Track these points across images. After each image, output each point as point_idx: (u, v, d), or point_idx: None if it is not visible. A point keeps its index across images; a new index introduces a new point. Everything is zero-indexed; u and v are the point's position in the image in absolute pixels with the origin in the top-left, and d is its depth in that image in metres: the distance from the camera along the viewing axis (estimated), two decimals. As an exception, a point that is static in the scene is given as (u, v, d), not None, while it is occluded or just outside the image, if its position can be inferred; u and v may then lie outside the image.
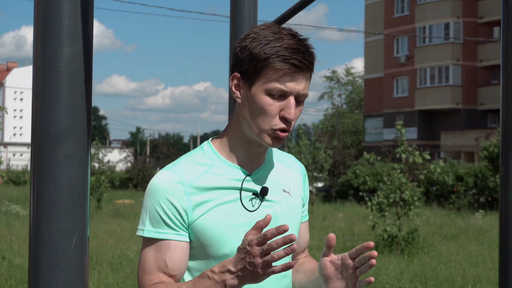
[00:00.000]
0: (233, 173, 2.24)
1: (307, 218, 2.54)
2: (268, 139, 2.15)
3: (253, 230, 1.95)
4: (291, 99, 2.11)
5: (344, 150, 40.57)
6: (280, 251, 1.91)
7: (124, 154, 47.30)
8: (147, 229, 2.17)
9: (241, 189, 2.23)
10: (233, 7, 3.64)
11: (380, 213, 14.47)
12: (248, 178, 2.25)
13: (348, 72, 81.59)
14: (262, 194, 2.26)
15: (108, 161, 32.61)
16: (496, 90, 51.67)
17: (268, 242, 1.92)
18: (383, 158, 32.66)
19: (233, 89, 2.22)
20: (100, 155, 27.50)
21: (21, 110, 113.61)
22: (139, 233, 2.20)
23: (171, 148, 45.40)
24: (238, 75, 2.19)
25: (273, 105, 2.11)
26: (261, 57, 2.10)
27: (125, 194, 34.30)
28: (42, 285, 1.71)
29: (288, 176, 2.40)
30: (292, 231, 2.31)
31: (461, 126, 51.88)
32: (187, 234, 2.18)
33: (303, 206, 2.45)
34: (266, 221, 1.94)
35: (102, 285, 9.95)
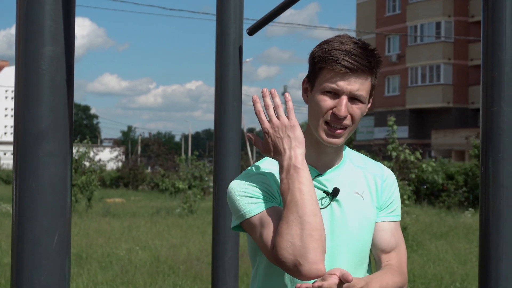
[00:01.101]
0: None
1: (386, 219, 2.53)
2: (322, 134, 2.32)
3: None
4: (343, 98, 2.27)
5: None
6: None
7: (115, 153, 47.19)
8: (247, 212, 2.31)
9: None
10: (219, 6, 3.65)
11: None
12: (318, 178, 2.40)
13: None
14: (333, 194, 2.38)
15: (99, 160, 32.51)
16: (485, 89, 51.71)
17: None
18: (373, 157, 32.70)
19: (303, 93, 2.43)
20: (91, 154, 27.44)
21: (12, 109, 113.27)
22: (239, 221, 2.35)
23: (162, 147, 45.28)
24: (306, 79, 2.41)
25: (326, 102, 2.29)
26: (317, 60, 2.31)
27: (116, 193, 34.22)
28: (25, 281, 1.74)
29: (365, 180, 2.50)
30: (363, 231, 2.42)
31: (452, 125, 51.96)
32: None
33: (379, 208, 2.51)
34: (264, 93, 2.28)
35: (91, 283, 9.95)
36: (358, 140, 58.64)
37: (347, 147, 2.55)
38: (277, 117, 2.24)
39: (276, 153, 2.23)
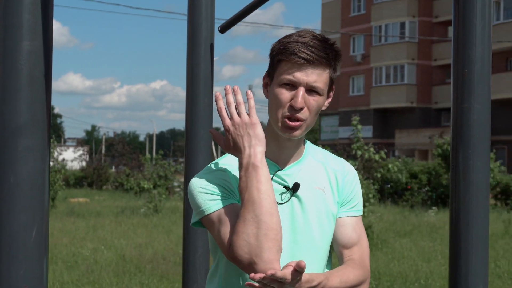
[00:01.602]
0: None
1: (348, 214, 2.52)
2: (280, 127, 2.31)
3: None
4: (300, 89, 2.27)
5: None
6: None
7: (79, 153, 46.80)
8: (205, 209, 2.31)
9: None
10: (191, 4, 3.66)
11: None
12: (279, 173, 2.39)
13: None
14: (293, 189, 2.38)
15: (63, 160, 32.24)
16: (450, 89, 52.16)
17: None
18: (338, 156, 32.84)
19: (263, 87, 2.43)
20: (55, 154, 27.19)
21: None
22: (198, 217, 2.36)
23: (126, 146, 45.01)
24: (266, 73, 2.41)
25: (284, 94, 2.29)
26: (275, 53, 2.32)
27: (79, 193, 33.95)
28: (2, 276, 1.73)
29: (326, 175, 2.49)
30: (322, 227, 2.42)
31: (416, 125, 52.37)
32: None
33: (341, 204, 2.50)
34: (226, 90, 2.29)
35: (57, 283, 9.88)
36: (322, 139, 58.85)
37: (308, 142, 2.55)
38: (238, 114, 2.26)
39: (236, 150, 2.24)
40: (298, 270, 2.09)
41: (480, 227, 2.35)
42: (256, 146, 2.21)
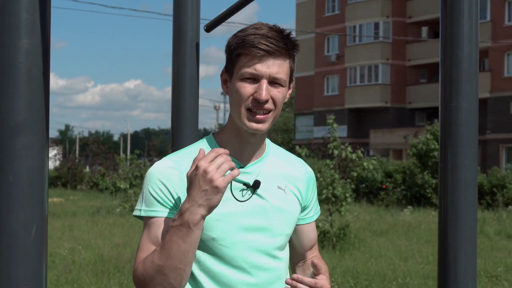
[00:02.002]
0: None
1: (312, 219, 2.59)
2: (245, 121, 2.26)
3: (192, 167, 2.10)
4: (263, 82, 2.23)
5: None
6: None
7: (53, 152, 46.55)
8: (140, 209, 2.27)
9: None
10: (176, 4, 3.66)
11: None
12: (240, 170, 2.32)
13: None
14: (254, 187, 2.34)
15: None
16: (424, 89, 52.61)
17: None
18: (313, 155, 32.93)
19: (222, 84, 2.38)
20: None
21: None
22: (135, 213, 2.31)
23: (101, 146, 44.85)
24: (224, 70, 2.36)
25: (246, 88, 2.24)
26: (233, 47, 2.27)
27: (54, 193, 33.79)
28: (2, 274, 1.73)
29: (287, 175, 2.47)
30: (284, 227, 2.40)
31: (390, 124, 52.65)
32: None
33: (304, 208, 2.53)
34: (201, 154, 2.09)
35: (35, 283, 9.83)
36: (297, 139, 59.01)
37: (269, 140, 2.52)
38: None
39: (188, 190, 2.10)
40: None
41: (469, 224, 2.38)
42: (203, 209, 2.06)
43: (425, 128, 26.76)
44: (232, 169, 2.07)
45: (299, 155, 14.31)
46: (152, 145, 52.26)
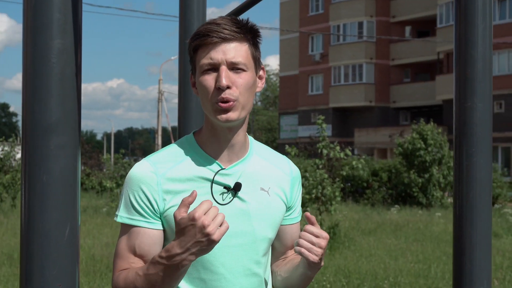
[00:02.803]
0: (207, 166, 2.27)
1: (296, 220, 2.52)
2: (214, 114, 2.18)
3: (182, 208, 1.99)
4: (221, 69, 2.16)
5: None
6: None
7: (37, 151, 46.31)
8: (120, 215, 2.23)
9: (212, 182, 2.25)
10: (182, 4, 3.66)
11: (302, 208, 14.57)
12: (221, 172, 2.26)
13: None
14: (235, 189, 2.27)
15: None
16: (407, 88, 52.83)
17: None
18: (301, 155, 32.95)
19: (192, 87, 2.30)
20: (12, 153, 26.88)
21: None
22: (115, 218, 2.27)
23: (85, 145, 44.68)
24: (191, 73, 2.29)
25: (207, 80, 2.17)
26: (190, 45, 2.23)
27: (39, 192, 33.59)
28: (36, 276, 1.72)
29: (271, 175, 2.40)
30: (267, 229, 2.34)
31: (374, 123, 52.82)
32: (159, 223, 2.22)
33: (289, 209, 2.47)
34: (193, 196, 1.99)
35: (26, 283, 9.79)
36: (282, 138, 59.09)
37: (251, 137, 2.44)
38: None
39: (179, 235, 1.99)
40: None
41: (484, 224, 2.39)
42: (194, 256, 2.00)
43: (411, 127, 26.85)
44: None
45: (288, 154, 14.32)
46: (137, 144, 52.12)
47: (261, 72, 2.31)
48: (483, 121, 2.35)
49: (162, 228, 2.23)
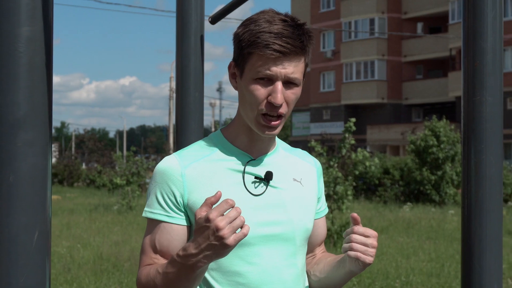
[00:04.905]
0: (237, 157, 2.23)
1: (324, 213, 2.49)
2: (258, 127, 2.14)
3: (204, 207, 1.89)
4: (278, 84, 2.08)
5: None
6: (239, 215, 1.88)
7: (49, 150, 46.43)
8: (145, 209, 2.21)
9: (244, 172, 2.20)
10: (180, 1, 3.53)
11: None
12: (252, 162, 2.23)
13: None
14: (266, 179, 2.22)
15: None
16: (420, 85, 52.62)
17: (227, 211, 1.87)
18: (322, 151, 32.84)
19: (230, 78, 2.24)
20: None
21: None
22: (143, 213, 2.24)
23: (97, 143, 44.77)
24: (233, 63, 2.20)
25: (260, 90, 2.10)
26: (245, 44, 2.11)
27: (50, 190, 33.67)
28: (2, 282, 1.59)
29: (300, 167, 2.37)
30: (305, 219, 2.28)
31: (387, 120, 52.67)
32: (182, 217, 2.17)
33: (318, 200, 2.42)
34: (217, 197, 1.89)
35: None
36: (294, 135, 58.98)
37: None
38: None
39: (196, 234, 1.91)
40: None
41: (494, 224, 2.26)
42: (209, 258, 1.90)
43: (424, 124, 26.66)
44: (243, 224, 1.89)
45: (312, 150, 14.26)
46: (149, 142, 52.18)
47: (303, 79, 2.23)
48: (493, 116, 2.22)
49: (184, 224, 2.18)
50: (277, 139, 2.38)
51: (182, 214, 2.16)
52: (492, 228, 2.23)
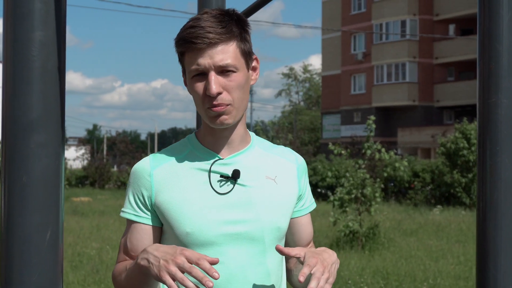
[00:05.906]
0: (205, 157, 2.25)
1: (308, 210, 2.46)
2: (209, 120, 2.16)
3: (195, 252, 1.97)
4: (210, 76, 2.10)
5: (302, 147, 40.60)
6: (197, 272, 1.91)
7: (81, 152, 46.81)
8: (122, 209, 2.28)
9: (209, 171, 2.21)
10: (200, 2, 3.57)
11: (341, 208, 14.46)
12: (219, 161, 2.23)
13: (305, 69, 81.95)
14: (233, 177, 2.21)
15: (65, 159, 32.20)
16: (451, 87, 52.25)
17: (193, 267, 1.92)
18: (346, 154, 32.75)
19: (185, 84, 2.26)
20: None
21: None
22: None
23: (129, 145, 45.03)
24: (182, 71, 2.25)
25: (198, 86, 2.14)
26: (176, 47, 2.18)
27: (82, 192, 33.94)
28: (15, 282, 1.63)
29: (278, 164, 2.34)
30: (276, 217, 2.26)
31: (418, 123, 52.36)
32: (149, 217, 2.23)
33: (299, 198, 2.40)
34: (214, 261, 1.94)
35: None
36: (325, 138, 58.87)
37: (253, 134, 2.41)
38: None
39: (169, 247, 2.01)
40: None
41: (509, 225, 2.25)
42: (147, 264, 1.98)
43: (454, 127, 26.49)
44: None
45: (330, 152, 14.23)
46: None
47: (254, 64, 2.25)
48: (509, 118, 2.22)
49: (151, 224, 2.23)
50: (256, 138, 2.39)
51: (150, 214, 2.22)
52: (507, 231, 2.23)
